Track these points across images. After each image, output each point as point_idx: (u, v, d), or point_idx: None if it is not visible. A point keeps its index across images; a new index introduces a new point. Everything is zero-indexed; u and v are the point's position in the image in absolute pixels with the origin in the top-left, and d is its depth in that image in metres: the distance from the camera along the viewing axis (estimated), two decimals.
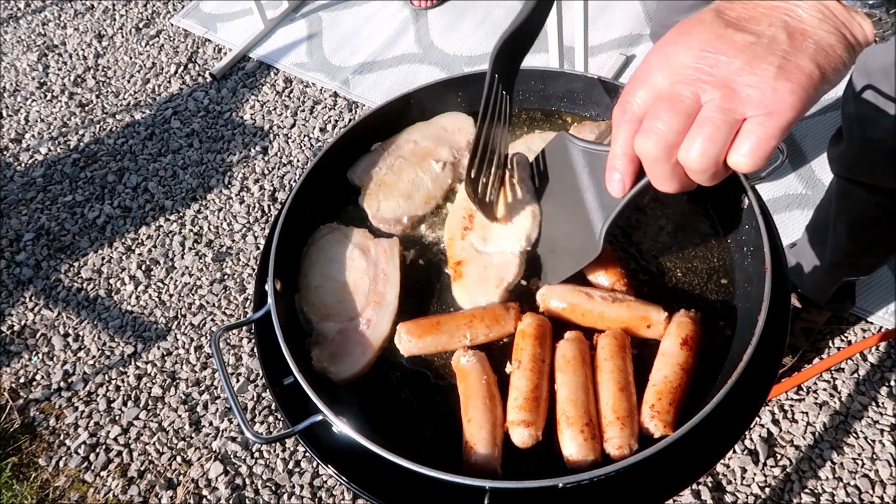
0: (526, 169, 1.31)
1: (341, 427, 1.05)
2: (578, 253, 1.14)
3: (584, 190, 1.08)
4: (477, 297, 1.25)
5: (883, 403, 2.31)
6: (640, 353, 1.17)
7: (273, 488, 2.37)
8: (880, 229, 1.91)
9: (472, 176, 1.17)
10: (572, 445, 1.04)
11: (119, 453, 2.52)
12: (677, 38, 0.80)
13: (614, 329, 1.16)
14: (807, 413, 2.32)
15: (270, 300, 1.18)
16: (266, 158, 3.27)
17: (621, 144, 0.89)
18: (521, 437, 1.07)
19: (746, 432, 2.27)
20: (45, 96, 3.71)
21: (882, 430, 2.26)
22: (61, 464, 2.53)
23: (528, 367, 1.11)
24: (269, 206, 3.11)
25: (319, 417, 1.08)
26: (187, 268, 2.96)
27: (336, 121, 3.37)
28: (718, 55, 0.76)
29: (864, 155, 1.71)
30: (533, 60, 3.41)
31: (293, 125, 3.38)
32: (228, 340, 2.69)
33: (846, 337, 2.45)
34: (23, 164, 3.43)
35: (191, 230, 3.08)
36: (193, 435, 2.52)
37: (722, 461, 2.24)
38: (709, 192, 1.36)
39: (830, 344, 2.44)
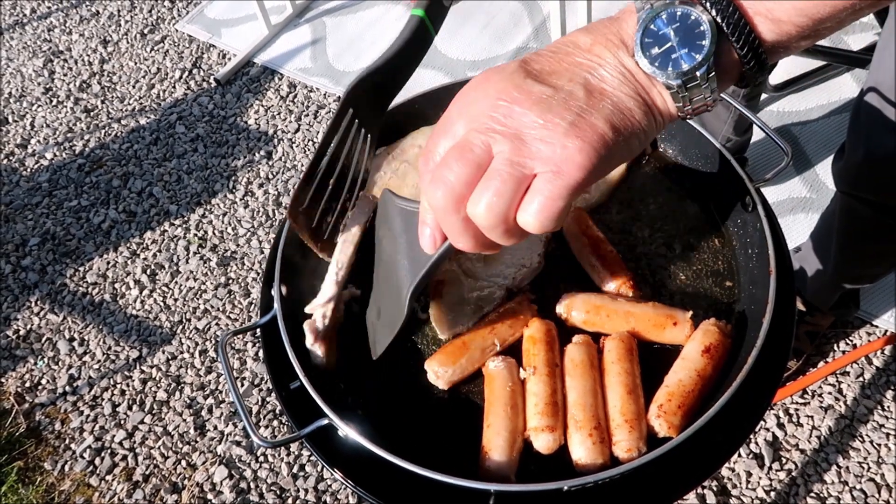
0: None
1: (347, 431, 1.06)
2: (393, 319, 1.05)
3: (399, 251, 1.00)
4: (453, 323, 1.22)
5: (889, 407, 2.31)
6: (650, 362, 1.17)
7: (278, 492, 2.37)
8: (883, 244, 1.91)
9: (304, 203, 1.12)
10: (581, 449, 1.05)
11: (124, 457, 2.53)
12: (477, 86, 0.77)
13: (621, 332, 1.16)
14: (812, 417, 2.31)
15: (277, 305, 1.18)
16: (270, 163, 3.28)
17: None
18: (546, 442, 1.07)
19: (751, 436, 2.27)
20: (51, 102, 3.73)
21: (888, 434, 2.25)
22: (66, 468, 2.53)
23: (544, 373, 1.11)
24: (273, 210, 3.12)
25: (325, 421, 1.08)
26: (192, 272, 2.97)
27: None
28: (513, 105, 0.72)
29: (868, 171, 1.71)
30: None
31: (297, 130, 3.39)
32: (233, 345, 2.70)
33: (851, 340, 2.45)
34: (28, 169, 3.45)
35: (195, 235, 3.09)
36: (198, 439, 2.53)
37: (727, 465, 2.24)
38: (713, 194, 1.36)
39: (835, 347, 2.44)
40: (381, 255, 1.13)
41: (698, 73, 0.72)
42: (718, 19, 0.71)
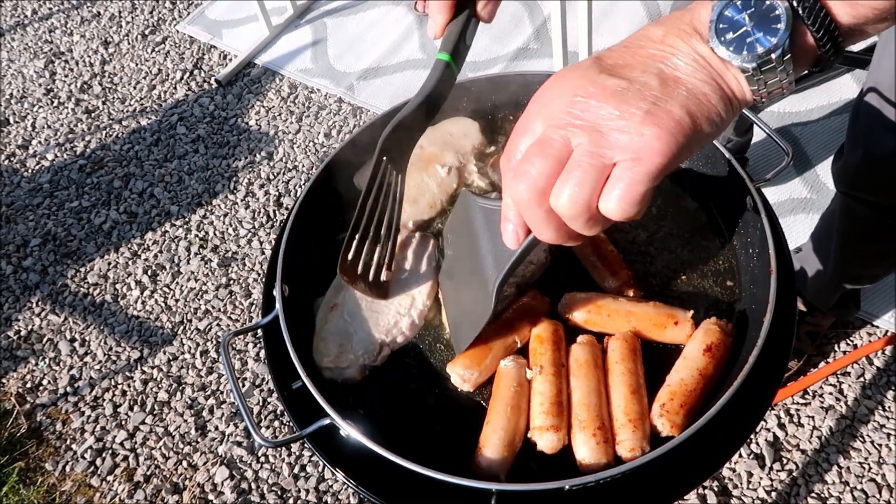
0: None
1: (349, 431, 1.06)
2: (477, 315, 1.10)
3: (482, 249, 1.04)
4: (466, 336, 1.20)
5: (889, 407, 2.31)
6: (652, 361, 1.17)
7: (279, 493, 2.37)
8: (882, 244, 1.91)
9: (351, 256, 1.17)
10: (585, 449, 1.05)
11: (125, 458, 2.53)
12: (553, 84, 0.80)
13: (625, 332, 1.16)
14: (813, 417, 2.31)
15: (279, 305, 1.19)
16: (271, 164, 3.29)
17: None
18: (550, 441, 1.07)
19: (752, 436, 2.27)
20: (52, 103, 3.74)
21: (889, 434, 2.25)
22: (68, 468, 2.53)
23: (550, 373, 1.11)
24: (274, 211, 3.12)
25: (327, 421, 1.09)
26: (193, 273, 2.97)
27: (341, 126, 3.38)
28: (589, 100, 0.75)
29: (867, 171, 1.71)
30: (536, 65, 3.42)
31: (298, 131, 3.40)
32: (234, 345, 2.70)
33: (852, 341, 2.45)
34: (30, 170, 3.45)
35: (196, 235, 3.09)
36: (199, 439, 2.53)
37: (728, 465, 2.24)
38: (714, 195, 1.37)
39: (836, 348, 2.44)
40: (458, 255, 1.17)
41: (773, 56, 0.73)
42: (794, 3, 0.72)
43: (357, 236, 1.18)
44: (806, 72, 0.78)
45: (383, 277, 1.25)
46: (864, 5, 0.71)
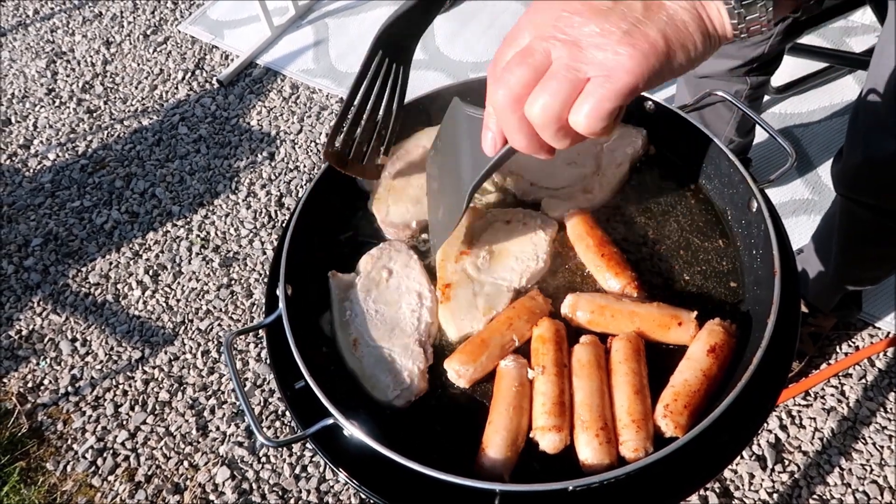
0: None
1: (353, 430, 1.06)
2: (452, 216, 1.16)
3: (462, 154, 1.10)
4: (462, 324, 1.24)
5: (891, 409, 2.31)
6: (656, 362, 1.17)
7: (280, 493, 2.37)
8: (883, 247, 1.91)
9: (340, 142, 1.24)
10: (588, 450, 1.05)
11: (126, 458, 2.53)
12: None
13: (629, 332, 1.16)
14: (815, 419, 2.31)
15: (282, 305, 1.18)
16: (273, 164, 3.29)
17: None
18: (552, 441, 1.07)
19: (754, 438, 2.26)
20: (54, 102, 3.74)
21: (891, 436, 2.25)
22: (69, 468, 2.53)
23: (552, 373, 1.11)
24: (275, 211, 3.12)
25: (330, 421, 1.09)
26: (194, 273, 2.97)
27: None
28: (574, 16, 0.77)
29: (866, 174, 1.71)
30: None
31: (300, 131, 3.40)
32: (235, 345, 2.70)
33: (854, 342, 2.44)
34: (31, 170, 3.45)
35: (198, 235, 3.09)
36: (200, 440, 2.53)
37: (729, 467, 2.24)
38: (718, 195, 1.37)
39: (838, 349, 2.44)
40: (442, 159, 1.21)
41: None
42: None
43: (347, 121, 1.22)
44: (788, 18, 0.80)
45: (378, 161, 1.29)
46: None
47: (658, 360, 1.17)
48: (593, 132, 0.79)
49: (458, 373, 1.16)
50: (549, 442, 1.07)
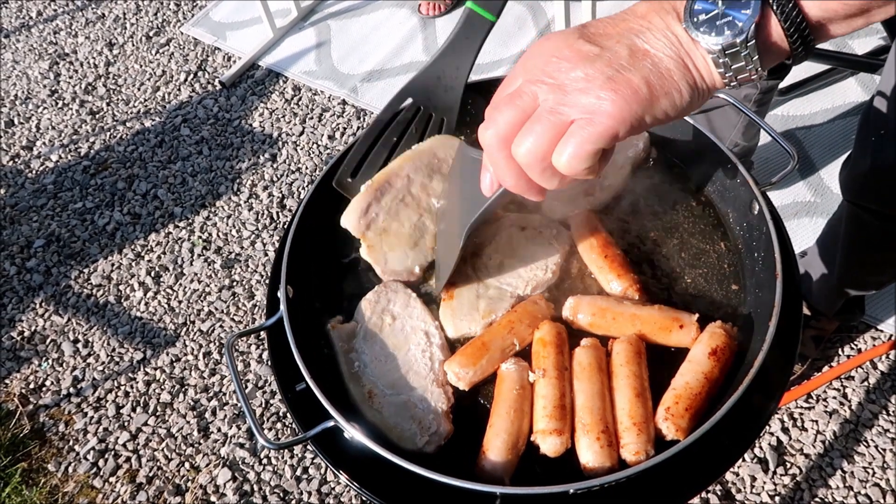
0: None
1: (353, 433, 1.06)
2: (450, 256, 1.18)
3: (464, 194, 1.13)
4: (461, 324, 1.23)
5: (894, 412, 2.30)
6: (657, 365, 1.16)
7: (281, 495, 2.37)
8: (888, 253, 1.90)
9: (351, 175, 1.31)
10: (589, 453, 1.04)
11: (128, 459, 2.53)
12: (539, 45, 0.85)
13: (630, 335, 1.16)
14: (817, 421, 2.31)
15: (283, 307, 1.18)
16: (275, 166, 3.29)
17: None
18: (553, 445, 1.07)
19: (756, 440, 2.26)
20: (57, 104, 3.75)
21: (893, 439, 2.25)
22: (70, 469, 2.54)
23: (553, 376, 1.11)
24: (277, 213, 3.13)
25: (331, 423, 1.08)
26: (196, 274, 2.97)
27: (344, 128, 3.38)
28: (562, 62, 0.80)
29: (874, 181, 1.70)
30: None
31: (302, 133, 3.40)
32: (236, 347, 2.70)
33: (856, 345, 2.44)
34: (34, 172, 3.46)
35: (200, 237, 3.10)
36: (202, 441, 2.53)
37: (731, 469, 2.23)
38: (720, 198, 1.36)
39: (840, 352, 2.43)
40: (449, 200, 1.25)
41: (738, 41, 0.76)
42: None
43: (360, 156, 1.30)
44: (783, 63, 0.81)
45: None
46: (835, 1, 0.74)
47: (659, 363, 1.16)
48: (576, 173, 0.81)
49: (458, 375, 1.16)
50: (549, 445, 1.07)
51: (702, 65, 0.79)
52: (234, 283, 2.93)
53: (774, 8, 0.75)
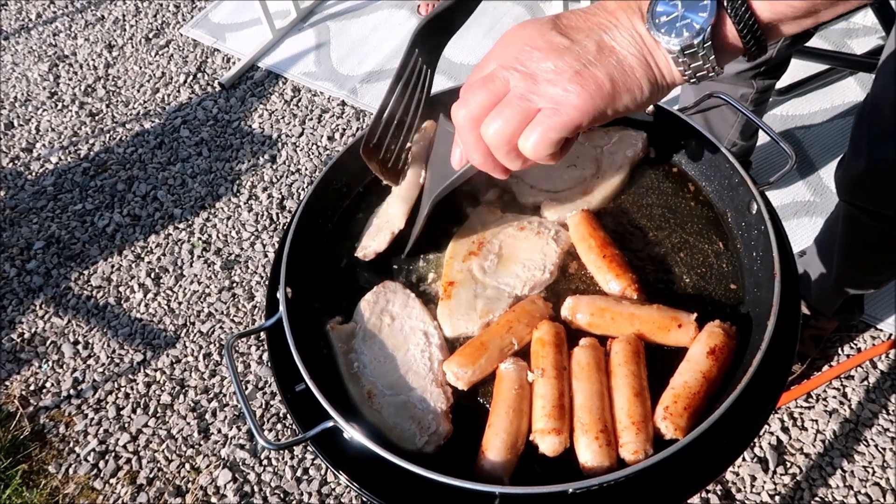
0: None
1: (352, 433, 1.06)
2: (418, 218, 1.25)
3: (436, 166, 1.18)
4: (458, 324, 1.23)
5: (893, 411, 2.30)
6: (656, 364, 1.16)
7: (281, 495, 2.37)
8: (884, 253, 1.90)
9: (376, 141, 1.25)
10: (588, 452, 1.05)
11: (128, 461, 2.53)
12: (515, 32, 0.90)
13: (628, 335, 1.16)
14: (816, 421, 2.31)
15: (282, 307, 1.19)
16: (274, 167, 3.29)
17: None
18: (552, 444, 1.07)
19: (756, 440, 2.26)
20: (56, 106, 3.75)
21: (893, 438, 2.25)
22: (71, 471, 2.54)
23: (552, 376, 1.11)
24: (277, 214, 3.13)
25: (331, 424, 1.09)
26: (196, 276, 2.98)
27: (344, 129, 3.39)
28: (535, 51, 0.85)
29: (869, 181, 1.70)
30: None
31: (301, 134, 3.40)
32: (237, 348, 2.70)
33: (856, 344, 2.44)
34: (34, 173, 3.46)
35: (199, 238, 3.10)
36: (202, 442, 2.53)
37: (731, 469, 2.24)
38: (718, 198, 1.37)
39: (840, 351, 2.43)
40: (429, 173, 1.29)
41: (695, 42, 0.82)
42: None
43: (383, 120, 1.24)
44: (746, 60, 0.86)
45: (402, 164, 1.31)
46: (782, 3, 0.79)
47: (658, 362, 1.16)
48: (539, 158, 0.87)
49: (457, 375, 1.16)
50: (548, 444, 1.07)
51: (663, 63, 0.85)
52: (234, 285, 2.93)
53: (729, 11, 0.80)
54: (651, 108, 1.42)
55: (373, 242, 1.33)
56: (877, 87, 1.58)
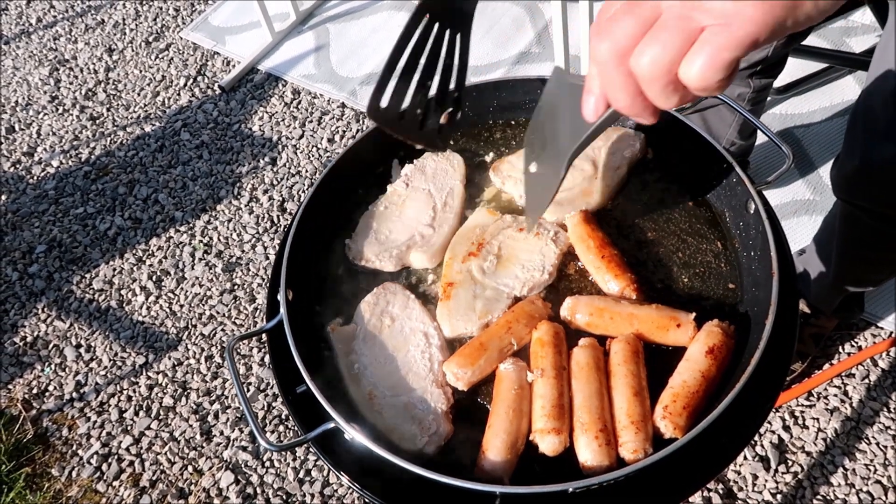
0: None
1: (353, 434, 1.06)
2: (548, 185, 1.12)
3: (561, 123, 1.07)
4: (457, 324, 1.24)
5: (895, 409, 2.30)
6: (655, 363, 1.17)
7: (284, 497, 2.38)
8: (881, 251, 1.90)
9: (382, 101, 1.14)
10: (587, 452, 1.05)
11: (131, 463, 2.54)
12: None
13: (627, 335, 1.17)
14: (818, 419, 2.31)
15: (283, 309, 1.19)
16: (275, 169, 3.30)
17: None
18: (551, 444, 1.07)
19: (757, 438, 2.26)
20: (57, 110, 3.76)
21: (894, 436, 2.25)
22: (74, 474, 2.54)
23: (551, 376, 1.12)
24: (278, 216, 3.14)
25: (332, 425, 1.09)
26: (197, 278, 2.98)
27: (344, 131, 3.39)
28: None
29: (864, 178, 1.70)
30: (538, 69, 3.43)
31: (301, 136, 3.41)
32: (238, 350, 2.71)
33: (856, 342, 2.44)
34: (35, 177, 3.47)
35: (201, 241, 3.11)
36: (204, 444, 2.54)
37: (733, 468, 2.24)
38: (716, 197, 1.37)
39: (840, 349, 2.43)
40: (540, 131, 1.18)
41: None
42: None
43: (395, 75, 1.14)
44: None
45: (441, 121, 1.19)
46: None
47: (657, 362, 1.17)
48: (707, 86, 0.73)
49: (457, 376, 1.17)
50: (548, 444, 1.08)
51: None
52: (236, 287, 2.93)
53: None
54: None
55: (376, 260, 1.34)
56: (869, 85, 1.59)
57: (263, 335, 1.25)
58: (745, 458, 2.26)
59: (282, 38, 3.84)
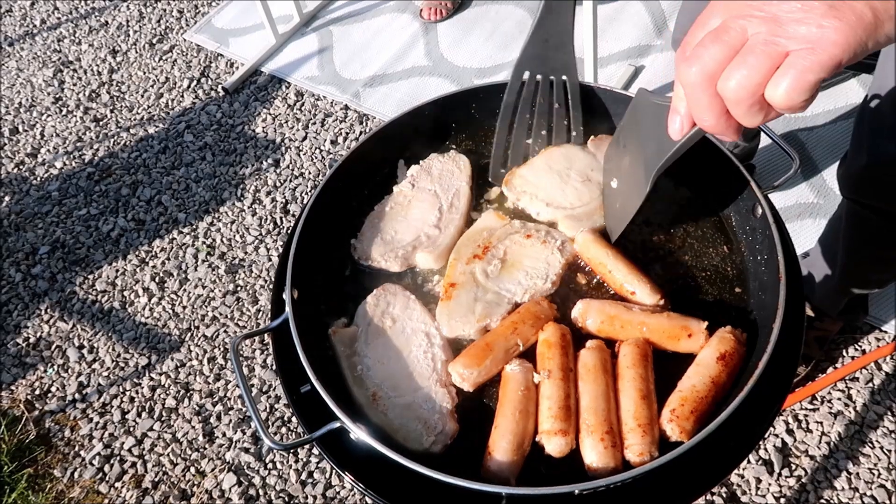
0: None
1: (358, 434, 1.06)
2: (632, 201, 1.20)
3: (646, 141, 1.13)
4: (455, 325, 1.24)
5: None
6: (663, 367, 1.17)
7: (286, 499, 2.37)
8: (887, 250, 1.90)
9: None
10: (593, 453, 1.05)
11: (133, 464, 2.53)
12: None
13: (637, 337, 1.16)
14: (821, 423, 2.31)
15: (288, 308, 1.19)
16: (278, 171, 3.30)
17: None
18: (558, 445, 1.07)
19: (761, 442, 2.26)
20: (61, 111, 3.76)
21: None
22: (76, 475, 2.54)
23: (558, 377, 1.12)
24: (281, 218, 3.14)
25: (337, 424, 1.09)
26: (200, 280, 2.98)
27: (347, 133, 3.40)
28: None
29: (871, 177, 1.71)
30: None
31: (305, 138, 3.41)
32: (241, 352, 2.71)
33: (860, 346, 2.44)
34: (38, 179, 3.48)
35: (204, 242, 3.11)
36: (207, 446, 2.53)
37: (736, 471, 2.23)
38: (722, 202, 1.37)
39: (844, 353, 2.43)
40: (623, 150, 1.26)
41: None
42: None
43: (504, 147, 1.33)
44: None
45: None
46: None
47: (665, 365, 1.17)
48: (792, 105, 0.77)
49: (463, 376, 1.16)
50: (554, 446, 1.07)
51: None
52: (238, 289, 2.93)
53: None
54: None
55: (382, 260, 1.35)
56: (876, 82, 1.59)
57: (266, 336, 1.25)
58: (749, 461, 2.25)
59: (285, 41, 3.84)
